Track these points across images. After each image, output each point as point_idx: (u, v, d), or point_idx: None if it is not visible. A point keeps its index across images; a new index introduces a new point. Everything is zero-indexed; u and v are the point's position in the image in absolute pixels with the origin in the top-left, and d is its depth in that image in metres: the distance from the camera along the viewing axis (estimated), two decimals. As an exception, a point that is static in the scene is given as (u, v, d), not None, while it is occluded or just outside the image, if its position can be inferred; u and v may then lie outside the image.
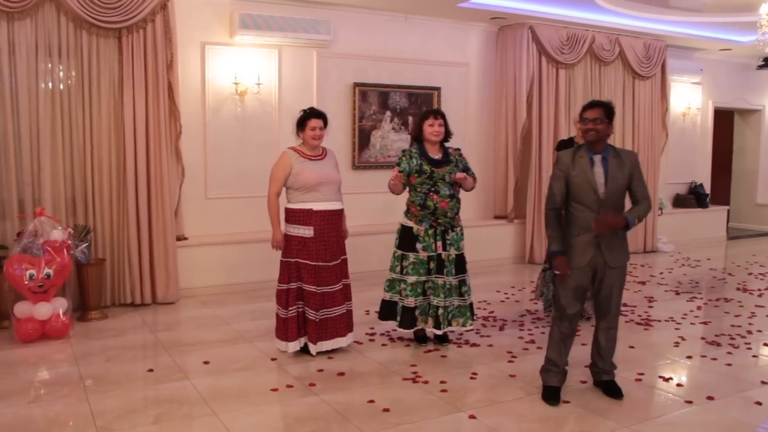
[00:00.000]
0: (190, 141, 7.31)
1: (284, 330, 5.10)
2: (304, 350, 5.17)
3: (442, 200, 5.17)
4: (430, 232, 5.22)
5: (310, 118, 5.09)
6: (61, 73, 6.37)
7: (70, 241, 5.85)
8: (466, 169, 5.35)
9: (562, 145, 6.16)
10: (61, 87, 6.36)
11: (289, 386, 4.56)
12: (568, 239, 4.31)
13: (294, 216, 5.06)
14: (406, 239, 5.29)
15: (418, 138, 5.34)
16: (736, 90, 12.42)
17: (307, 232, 5.01)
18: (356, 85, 8.28)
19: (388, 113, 8.52)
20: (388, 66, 8.53)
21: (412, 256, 5.24)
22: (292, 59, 7.93)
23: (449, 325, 5.29)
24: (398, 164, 5.22)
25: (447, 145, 5.40)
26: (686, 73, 11.29)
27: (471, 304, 5.42)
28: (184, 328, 6.11)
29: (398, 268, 5.32)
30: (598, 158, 4.24)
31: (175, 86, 6.86)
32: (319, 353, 5.13)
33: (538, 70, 9.15)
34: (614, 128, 4.39)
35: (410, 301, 5.26)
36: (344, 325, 5.21)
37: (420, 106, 8.65)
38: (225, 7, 7.45)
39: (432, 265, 5.23)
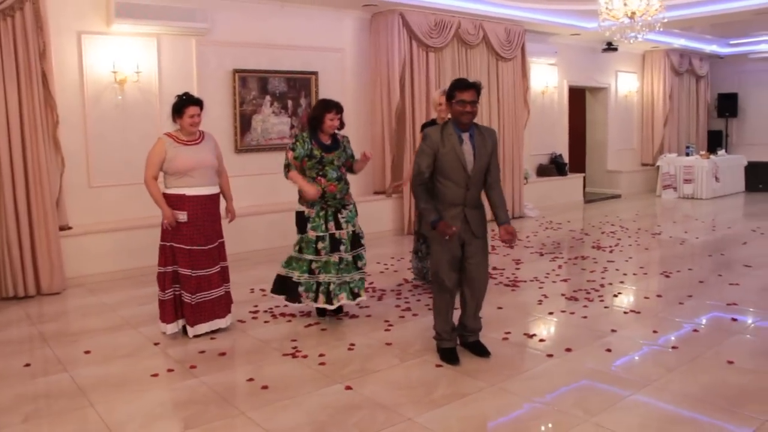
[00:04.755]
0: (70, 130, 6.70)
1: (163, 312, 4.78)
2: (185, 332, 4.84)
3: (330, 184, 4.97)
4: (321, 213, 5.00)
5: (188, 105, 4.69)
6: None
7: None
8: (352, 156, 5.20)
9: (427, 127, 6.04)
10: None
11: (170, 370, 4.21)
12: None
13: (168, 201, 4.69)
14: (300, 223, 5.08)
15: (314, 125, 5.05)
16: (587, 70, 12.74)
17: (180, 216, 4.66)
18: (236, 71, 7.84)
19: (268, 98, 8.13)
20: (267, 52, 8.13)
21: (305, 237, 5.02)
22: (171, 47, 7.40)
23: (358, 297, 5.08)
24: (293, 149, 4.98)
25: (337, 132, 5.17)
26: (543, 56, 11.47)
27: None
28: (69, 318, 5.59)
29: (297, 248, 5.07)
30: (466, 136, 4.09)
31: (49, 75, 6.24)
32: (201, 335, 4.79)
33: (409, 54, 8.98)
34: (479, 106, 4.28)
35: (295, 275, 5.03)
36: (223, 306, 4.90)
37: (299, 90, 8.32)
38: (100, -5, 6.84)
39: (321, 244, 4.99)
